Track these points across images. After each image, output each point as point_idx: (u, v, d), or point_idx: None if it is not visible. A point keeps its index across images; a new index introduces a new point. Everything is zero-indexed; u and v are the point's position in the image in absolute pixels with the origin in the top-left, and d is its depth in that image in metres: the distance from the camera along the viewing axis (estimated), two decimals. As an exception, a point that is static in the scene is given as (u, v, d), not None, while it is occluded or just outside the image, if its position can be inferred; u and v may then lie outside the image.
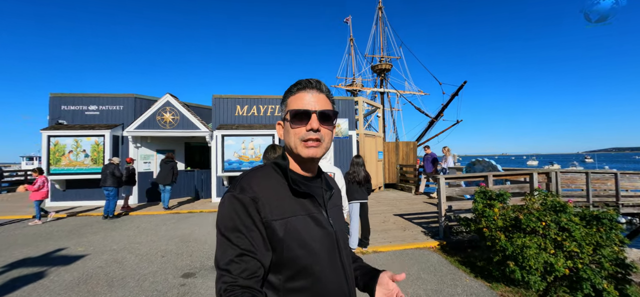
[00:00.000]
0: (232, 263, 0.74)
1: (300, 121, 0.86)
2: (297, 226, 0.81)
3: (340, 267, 0.88)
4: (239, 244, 0.76)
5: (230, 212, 0.79)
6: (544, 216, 3.51)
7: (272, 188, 0.84)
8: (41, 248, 5.31)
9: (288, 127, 0.89)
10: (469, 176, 6.17)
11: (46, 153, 9.45)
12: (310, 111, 0.86)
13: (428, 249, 5.10)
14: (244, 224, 0.77)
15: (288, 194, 0.85)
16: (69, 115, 10.15)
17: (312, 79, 0.91)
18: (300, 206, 0.85)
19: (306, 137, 0.85)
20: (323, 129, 0.87)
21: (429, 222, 6.76)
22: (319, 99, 0.89)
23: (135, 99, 10.41)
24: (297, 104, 0.87)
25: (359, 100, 12.39)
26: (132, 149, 10.28)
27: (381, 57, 29.76)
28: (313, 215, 0.86)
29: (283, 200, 0.83)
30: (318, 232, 0.84)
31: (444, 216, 5.60)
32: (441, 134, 22.45)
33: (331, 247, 0.86)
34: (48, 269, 4.33)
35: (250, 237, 0.77)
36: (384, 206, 8.97)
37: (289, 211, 0.82)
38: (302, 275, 0.80)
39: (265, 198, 0.81)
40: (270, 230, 0.79)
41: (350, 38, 35.49)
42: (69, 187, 10.01)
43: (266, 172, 0.88)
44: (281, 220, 0.80)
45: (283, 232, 0.79)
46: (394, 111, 30.46)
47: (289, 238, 0.79)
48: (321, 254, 0.83)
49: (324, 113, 0.87)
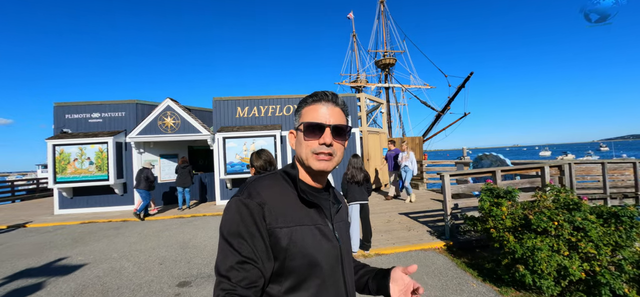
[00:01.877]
0: (233, 270, 0.73)
1: (314, 134, 0.85)
2: (302, 235, 0.80)
3: (342, 281, 0.87)
4: (241, 251, 0.74)
5: (236, 217, 0.78)
6: (555, 214, 3.26)
7: (280, 196, 0.83)
8: (44, 258, 5.32)
9: (301, 138, 0.88)
10: (475, 172, 5.90)
11: (52, 162, 9.56)
12: (324, 125, 0.85)
13: (433, 251, 4.88)
14: (248, 231, 0.76)
15: (295, 203, 0.84)
16: (73, 123, 10.25)
17: (328, 92, 0.91)
18: (307, 216, 0.83)
19: (318, 150, 0.85)
20: (336, 143, 0.87)
21: (436, 220, 6.52)
22: (334, 112, 0.88)
23: (136, 105, 10.44)
24: (312, 116, 0.87)
25: (361, 96, 12.16)
26: (135, 154, 10.32)
27: (385, 52, 29.34)
28: (319, 226, 0.84)
29: (290, 208, 0.82)
30: (323, 244, 0.83)
31: (450, 215, 5.37)
32: (448, 127, 21.96)
33: (335, 260, 0.85)
34: (47, 279, 4.30)
35: (253, 244, 0.76)
36: (389, 205, 8.75)
37: (295, 220, 0.81)
38: (303, 287, 0.79)
39: (272, 205, 0.80)
40: (273, 238, 0.78)
41: (353, 34, 35.11)
42: (75, 195, 10.13)
43: (275, 179, 0.88)
44: (286, 228, 0.79)
45: (287, 241, 0.78)
46: (399, 106, 30.03)
47: (293, 247, 0.78)
48: (324, 267, 0.81)
49: (337, 127, 0.86)
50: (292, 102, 10.98)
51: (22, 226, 8.30)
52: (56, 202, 9.97)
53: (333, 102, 0.89)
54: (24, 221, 8.94)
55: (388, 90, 28.86)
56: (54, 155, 9.59)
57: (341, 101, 0.92)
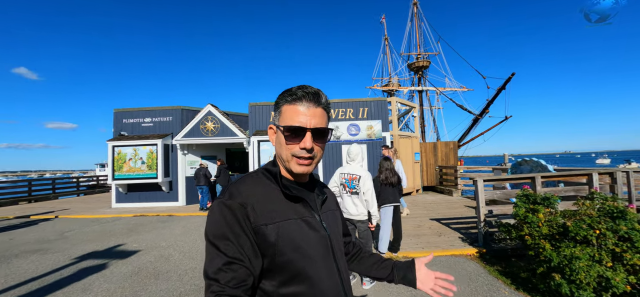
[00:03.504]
0: (220, 272, 0.73)
1: (295, 138, 0.84)
2: (289, 230, 0.80)
3: (336, 270, 0.87)
4: (227, 252, 0.74)
5: (219, 219, 0.78)
6: (597, 222, 3.08)
7: (263, 193, 0.83)
8: (105, 243, 6.10)
9: (281, 139, 0.86)
10: (513, 178, 5.64)
11: (111, 161, 10.84)
12: (305, 129, 0.83)
13: (465, 257, 4.78)
14: (232, 231, 0.76)
15: (279, 199, 0.84)
16: (129, 127, 11.51)
17: (310, 89, 0.87)
18: (293, 211, 0.84)
19: (299, 154, 0.84)
20: (316, 146, 0.86)
21: (469, 227, 6.32)
22: (315, 113, 0.86)
23: (182, 111, 11.44)
24: (292, 117, 0.85)
25: (392, 100, 12.07)
26: (180, 156, 11.29)
27: (418, 54, 28.61)
28: (306, 219, 0.85)
29: (274, 205, 0.82)
30: (311, 236, 0.83)
31: (484, 221, 5.20)
32: (487, 132, 20.74)
33: (325, 250, 0.86)
34: (109, 261, 4.96)
35: (238, 244, 0.76)
36: (420, 210, 8.59)
37: (281, 216, 0.81)
38: (296, 280, 0.79)
39: (255, 203, 0.80)
40: (260, 235, 0.78)
41: (385, 37, 34.74)
42: (129, 191, 11.33)
43: (256, 178, 0.88)
44: (273, 224, 0.79)
45: (275, 237, 0.78)
46: (433, 110, 29.02)
47: (282, 242, 0.79)
48: (315, 258, 0.82)
49: (318, 130, 0.85)
50: (322, 107, 11.26)
51: (88, 217, 9.52)
52: (113, 196, 11.24)
53: (315, 102, 0.86)
54: (92, 213, 10.22)
55: (421, 93, 28.06)
56: (113, 155, 10.86)
57: (324, 100, 0.88)
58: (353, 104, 11.31)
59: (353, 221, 3.67)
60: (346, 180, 3.66)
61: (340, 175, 3.74)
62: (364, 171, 3.65)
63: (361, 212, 3.60)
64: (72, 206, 12.03)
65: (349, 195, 3.64)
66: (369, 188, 3.55)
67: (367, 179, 3.56)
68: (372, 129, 11.11)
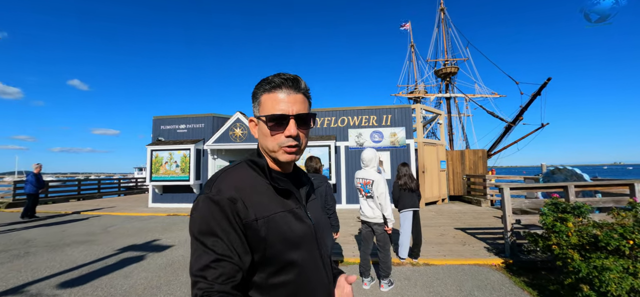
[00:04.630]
0: (208, 269, 0.70)
1: (278, 126, 0.84)
2: (279, 223, 0.80)
3: (319, 257, 0.89)
4: (215, 249, 0.72)
5: (206, 215, 0.74)
6: (630, 232, 2.91)
7: (251, 187, 0.82)
8: (143, 238, 6.66)
9: (265, 130, 0.85)
10: (543, 186, 5.38)
11: (149, 164, 11.75)
12: (288, 116, 0.83)
13: (489, 267, 4.63)
14: (220, 227, 0.73)
15: (267, 191, 0.83)
16: (165, 133, 12.43)
17: (288, 75, 0.86)
18: (281, 204, 0.83)
19: (285, 143, 0.84)
20: (301, 133, 0.86)
21: (495, 238, 6.09)
22: (296, 99, 0.85)
23: (213, 118, 12.16)
24: (273, 106, 0.83)
25: (416, 107, 11.93)
26: (210, 160, 11.96)
27: (445, 61, 27.91)
28: (293, 211, 0.85)
29: (263, 198, 0.81)
30: (299, 227, 0.84)
31: (511, 231, 5.01)
32: (521, 140, 19.62)
33: (310, 239, 0.86)
34: (146, 254, 5.43)
35: (228, 241, 0.73)
36: (444, 219, 8.37)
37: (270, 209, 0.80)
38: (285, 270, 0.80)
39: (245, 198, 0.78)
40: (251, 231, 0.77)
41: (410, 44, 34.33)
42: (164, 192, 12.17)
43: (243, 170, 0.85)
44: (263, 219, 0.78)
45: (265, 231, 0.77)
46: (462, 117, 28.00)
47: (272, 236, 0.78)
48: (302, 248, 0.83)
49: (301, 116, 0.85)
50: (346, 114, 11.42)
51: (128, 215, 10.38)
52: (150, 197, 12.13)
53: (294, 89, 0.85)
54: (133, 210, 11.12)
55: (449, 100, 27.24)
56: (151, 159, 11.77)
57: (303, 85, 0.87)
58: (376, 111, 11.34)
59: (370, 223, 3.77)
60: (361, 184, 3.78)
61: (356, 180, 3.87)
62: (377, 175, 3.74)
63: (377, 215, 3.69)
64: (114, 204, 13.13)
65: (365, 198, 3.76)
66: (381, 191, 3.63)
67: (379, 183, 3.65)
68: (395, 136, 11.05)
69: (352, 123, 11.36)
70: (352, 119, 11.38)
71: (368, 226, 3.82)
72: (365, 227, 3.88)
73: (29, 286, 3.95)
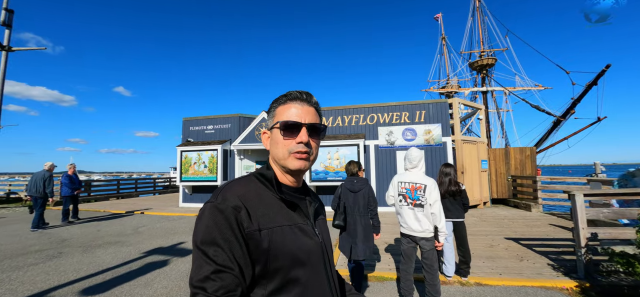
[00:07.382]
0: (208, 280, 0.68)
1: (291, 133, 0.86)
2: (282, 236, 0.78)
3: (326, 278, 0.85)
4: (217, 259, 0.70)
5: (210, 224, 0.73)
6: None
7: (256, 197, 0.80)
8: (170, 240, 6.57)
9: (277, 138, 0.87)
10: (623, 193, 4.41)
11: (179, 164, 11.95)
12: (301, 124, 0.86)
13: (560, 291, 3.82)
14: (223, 237, 0.72)
15: (273, 203, 0.82)
16: (194, 134, 12.59)
17: (302, 91, 0.91)
18: (286, 217, 0.82)
19: (296, 149, 0.85)
20: (312, 142, 0.87)
21: (560, 252, 5.16)
22: (309, 111, 0.89)
23: (239, 118, 12.09)
24: (287, 115, 0.87)
25: (453, 101, 10.93)
26: (237, 160, 11.90)
27: (481, 52, 25.92)
28: (299, 225, 0.83)
29: (268, 210, 0.79)
30: (305, 243, 0.81)
31: (585, 247, 4.13)
32: (573, 136, 17.55)
33: (318, 258, 0.83)
34: (171, 258, 5.26)
35: (230, 251, 0.71)
36: (490, 226, 7.45)
37: (274, 221, 0.78)
38: (287, 288, 0.76)
39: (249, 208, 0.77)
40: (253, 241, 0.74)
41: (441, 36, 32.52)
42: (194, 192, 12.33)
43: (249, 181, 0.85)
44: (266, 230, 0.76)
45: (268, 243, 0.75)
46: (501, 112, 25.92)
47: (275, 249, 0.76)
48: (308, 265, 0.80)
49: (313, 126, 0.87)
50: (375, 111, 10.75)
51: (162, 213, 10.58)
52: (180, 197, 12.35)
53: (307, 102, 0.90)
54: (164, 210, 11.37)
55: (486, 94, 25.22)
56: (181, 159, 11.95)
57: (315, 101, 0.92)
58: (409, 107, 10.54)
59: (415, 238, 3.15)
60: (407, 190, 3.17)
61: (400, 184, 3.26)
62: (430, 179, 3.14)
63: (426, 228, 3.07)
64: (148, 203, 13.59)
65: (411, 208, 3.13)
66: (436, 199, 3.02)
67: (434, 189, 3.04)
68: (430, 134, 10.17)
69: (382, 120, 10.66)
70: (382, 116, 10.68)
71: (411, 240, 3.21)
72: (407, 242, 3.24)
73: (53, 291, 3.86)
